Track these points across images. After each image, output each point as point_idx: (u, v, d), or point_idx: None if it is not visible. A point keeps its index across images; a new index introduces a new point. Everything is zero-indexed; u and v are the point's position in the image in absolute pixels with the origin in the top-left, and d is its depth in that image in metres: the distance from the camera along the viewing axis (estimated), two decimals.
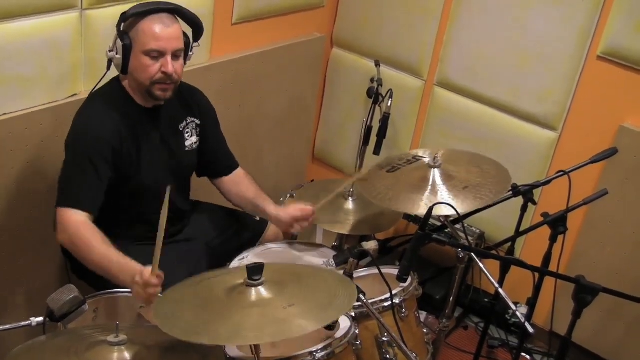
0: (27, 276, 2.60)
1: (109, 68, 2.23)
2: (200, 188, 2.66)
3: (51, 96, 2.46)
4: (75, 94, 2.54)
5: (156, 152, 2.34)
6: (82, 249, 2.11)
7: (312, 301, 1.67)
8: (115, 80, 2.29)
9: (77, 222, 2.12)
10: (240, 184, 2.60)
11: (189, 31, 2.30)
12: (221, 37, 2.97)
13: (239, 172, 2.62)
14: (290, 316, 1.59)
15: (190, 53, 2.30)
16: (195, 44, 2.32)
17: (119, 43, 2.14)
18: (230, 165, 2.61)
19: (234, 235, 2.63)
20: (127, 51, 2.15)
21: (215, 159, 2.59)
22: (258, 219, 2.68)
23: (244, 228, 2.66)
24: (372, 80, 3.42)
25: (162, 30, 2.14)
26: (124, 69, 2.19)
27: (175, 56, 2.19)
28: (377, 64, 3.44)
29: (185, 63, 2.28)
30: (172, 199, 2.42)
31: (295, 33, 3.46)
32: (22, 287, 2.61)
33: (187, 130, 2.44)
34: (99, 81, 2.29)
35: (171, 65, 2.17)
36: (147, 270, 1.93)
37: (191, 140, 2.46)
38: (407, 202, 2.25)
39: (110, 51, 2.18)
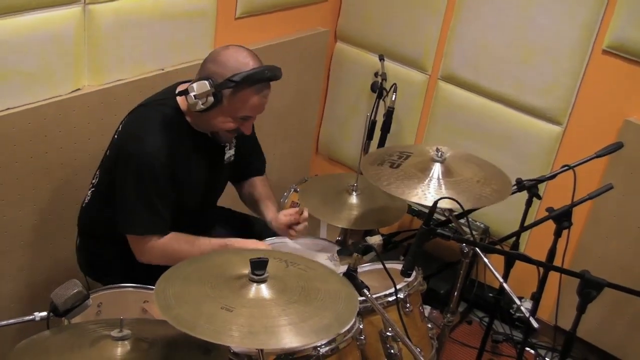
0: (30, 271, 2.60)
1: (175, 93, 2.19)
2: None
3: (54, 91, 2.46)
4: (79, 89, 2.53)
5: (201, 171, 2.32)
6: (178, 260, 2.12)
7: (309, 313, 1.62)
8: (171, 94, 2.22)
9: (159, 245, 2.18)
10: (254, 185, 2.59)
11: None
12: (224, 31, 2.96)
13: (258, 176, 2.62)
14: (281, 326, 1.55)
15: None
16: None
17: (210, 100, 2.08)
18: (253, 171, 2.60)
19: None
20: (212, 107, 2.11)
21: (244, 166, 2.56)
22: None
23: (262, 232, 2.60)
24: (376, 75, 3.42)
25: (262, 104, 2.15)
26: (205, 110, 2.13)
27: None
28: (381, 58, 3.43)
29: None
30: (203, 212, 2.42)
31: (299, 27, 3.45)
32: (25, 282, 2.61)
33: (227, 144, 2.42)
34: (157, 94, 2.27)
35: (251, 127, 2.20)
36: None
37: (229, 153, 2.44)
38: (405, 191, 2.23)
39: (195, 97, 2.08)
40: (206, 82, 2.08)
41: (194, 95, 2.09)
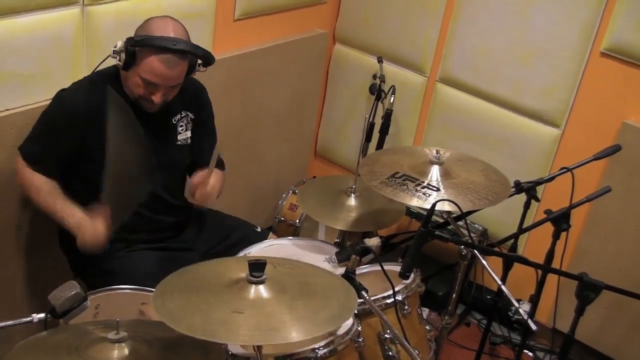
0: (28, 272, 2.60)
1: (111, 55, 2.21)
2: None
3: (53, 92, 2.43)
4: None
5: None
6: (32, 194, 2.25)
7: (310, 310, 1.65)
8: (116, 67, 2.26)
9: (34, 178, 2.24)
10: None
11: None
12: (223, 33, 2.96)
13: None
14: (283, 322, 1.57)
15: (193, 72, 2.27)
16: (203, 69, 2.29)
17: (123, 56, 2.14)
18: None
19: (234, 245, 2.54)
20: (128, 65, 2.16)
21: (198, 155, 2.48)
22: (259, 229, 2.64)
23: (244, 238, 2.57)
24: (374, 77, 3.42)
25: (163, 71, 2.14)
26: (124, 68, 2.18)
27: (170, 87, 2.20)
28: (380, 60, 3.43)
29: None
30: (162, 195, 2.39)
31: (297, 29, 3.45)
32: (23, 284, 2.61)
33: (180, 124, 2.40)
34: (101, 62, 2.29)
35: (160, 97, 2.18)
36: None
37: (185, 134, 2.41)
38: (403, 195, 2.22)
39: (114, 52, 2.16)
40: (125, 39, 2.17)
41: (113, 50, 2.16)
